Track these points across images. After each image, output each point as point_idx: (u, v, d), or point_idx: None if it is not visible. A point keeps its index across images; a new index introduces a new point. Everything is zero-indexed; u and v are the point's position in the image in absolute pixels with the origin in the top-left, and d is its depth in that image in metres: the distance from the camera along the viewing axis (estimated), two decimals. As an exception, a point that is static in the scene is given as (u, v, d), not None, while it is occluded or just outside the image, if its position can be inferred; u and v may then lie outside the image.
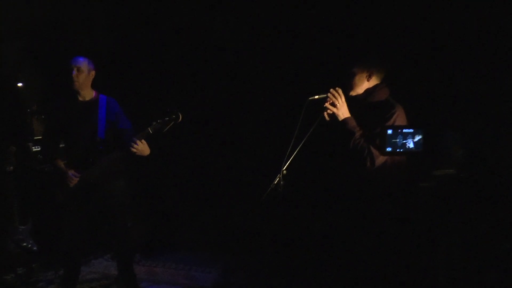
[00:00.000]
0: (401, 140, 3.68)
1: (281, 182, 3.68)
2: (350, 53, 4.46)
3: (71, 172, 4.35)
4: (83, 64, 4.42)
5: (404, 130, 3.63)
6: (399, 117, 3.99)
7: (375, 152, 3.92)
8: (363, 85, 4.10)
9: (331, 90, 4.05)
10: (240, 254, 5.19)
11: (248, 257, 5.04)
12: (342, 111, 4.04)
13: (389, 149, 3.67)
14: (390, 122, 3.95)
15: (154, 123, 4.32)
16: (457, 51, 4.42)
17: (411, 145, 3.65)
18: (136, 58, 5.52)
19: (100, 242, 5.35)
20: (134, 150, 4.30)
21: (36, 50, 5.28)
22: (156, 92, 5.49)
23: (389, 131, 3.77)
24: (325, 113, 4.05)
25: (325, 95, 4.04)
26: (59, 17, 5.29)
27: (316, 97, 4.03)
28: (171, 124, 4.33)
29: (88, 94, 4.49)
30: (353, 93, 4.10)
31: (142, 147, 4.32)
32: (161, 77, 5.49)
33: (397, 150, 3.64)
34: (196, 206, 5.63)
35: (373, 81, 4.12)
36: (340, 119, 4.03)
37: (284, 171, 3.70)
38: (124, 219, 4.58)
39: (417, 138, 3.65)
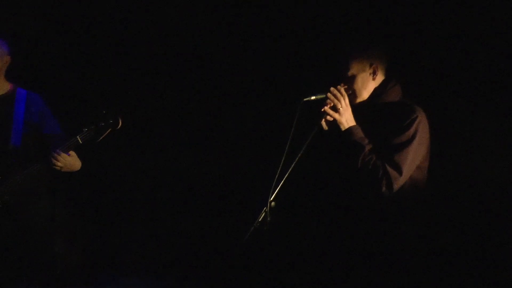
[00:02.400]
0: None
1: (268, 218, 2.63)
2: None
3: None
4: None
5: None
6: (422, 124, 2.99)
7: (392, 172, 2.90)
8: (369, 86, 3.09)
9: (332, 89, 3.02)
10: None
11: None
12: (346, 117, 3.02)
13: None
14: (410, 132, 2.95)
15: (86, 129, 3.41)
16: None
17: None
18: (69, 44, 4.32)
19: (20, 274, 4.22)
20: (56, 165, 3.38)
21: None
22: (91, 88, 4.31)
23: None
24: (323, 120, 3.02)
25: (324, 95, 3.01)
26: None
27: (313, 97, 3.00)
28: (107, 132, 3.42)
29: (0, 86, 3.63)
30: (359, 100, 3.09)
31: (68, 161, 3.44)
32: (100, 69, 4.29)
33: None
34: (149, 227, 4.51)
35: (379, 78, 3.12)
36: (343, 129, 3.01)
37: (272, 203, 2.65)
38: (50, 247, 3.79)
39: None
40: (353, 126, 3.02)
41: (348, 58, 3.06)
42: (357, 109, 3.06)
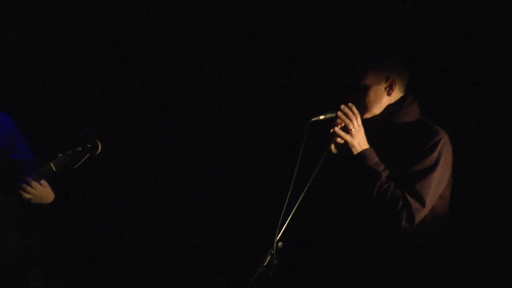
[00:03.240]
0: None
1: (274, 261, 2.23)
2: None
3: None
4: None
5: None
6: (446, 148, 2.63)
7: (414, 203, 2.53)
8: (382, 102, 2.72)
9: (342, 107, 2.64)
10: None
11: None
12: (359, 139, 2.64)
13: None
14: (433, 156, 2.59)
15: (60, 155, 2.98)
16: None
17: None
18: (43, 56, 3.88)
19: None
20: (26, 195, 2.96)
21: None
22: (67, 108, 3.86)
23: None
24: (333, 143, 2.64)
25: (333, 114, 2.63)
26: None
27: (321, 117, 2.62)
28: (85, 158, 3.01)
29: None
30: (368, 115, 2.71)
31: (39, 191, 2.99)
32: (78, 86, 3.84)
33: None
34: (133, 257, 4.05)
35: (396, 94, 2.74)
36: (355, 152, 2.63)
37: (279, 243, 2.25)
38: (24, 283, 3.44)
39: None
40: (367, 149, 2.64)
41: (363, 66, 2.69)
42: (369, 129, 2.68)
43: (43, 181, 2.99)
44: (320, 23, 3.28)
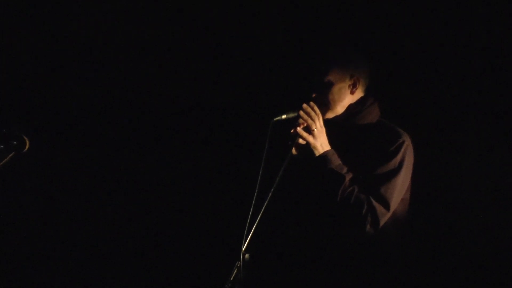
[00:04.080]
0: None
1: (240, 275, 2.06)
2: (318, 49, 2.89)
3: None
4: None
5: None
6: (408, 150, 2.56)
7: (379, 208, 2.43)
8: (345, 101, 2.62)
9: (304, 106, 2.50)
10: None
11: None
12: (321, 141, 2.52)
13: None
14: (397, 159, 2.51)
15: None
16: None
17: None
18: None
19: None
20: None
21: None
22: None
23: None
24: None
25: (295, 114, 2.48)
26: None
27: (283, 116, 2.47)
28: (9, 157, 2.58)
29: None
30: (330, 115, 2.59)
31: None
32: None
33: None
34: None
35: (358, 94, 2.65)
36: (317, 154, 2.51)
37: (246, 255, 2.08)
38: None
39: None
40: (329, 151, 2.52)
41: (327, 63, 2.56)
42: (329, 130, 2.56)
43: None
44: (283, 19, 3.10)
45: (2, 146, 2.56)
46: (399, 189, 2.49)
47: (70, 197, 3.38)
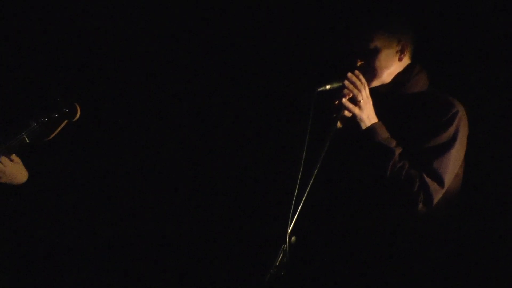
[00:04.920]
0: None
1: (286, 259, 1.90)
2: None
3: None
4: None
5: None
6: (463, 121, 2.35)
7: (432, 184, 2.25)
8: (392, 68, 2.42)
9: (349, 75, 2.31)
10: None
11: None
12: (367, 112, 2.33)
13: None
14: (451, 131, 2.31)
15: (34, 124, 2.47)
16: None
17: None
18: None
19: None
20: None
21: None
22: (37, 66, 3.27)
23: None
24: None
25: (340, 83, 2.30)
26: None
27: (328, 87, 2.28)
28: (62, 125, 2.51)
29: None
30: (376, 83, 2.40)
31: (9, 169, 2.50)
32: (49, 38, 3.24)
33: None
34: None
35: (405, 61, 2.44)
36: (364, 127, 2.32)
37: (293, 238, 1.92)
38: None
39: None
40: (376, 123, 2.34)
41: (372, 27, 2.36)
42: (375, 100, 2.37)
43: (14, 156, 2.49)
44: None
45: (56, 115, 2.50)
46: (453, 163, 2.30)
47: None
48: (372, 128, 2.31)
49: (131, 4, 3.19)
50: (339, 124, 2.34)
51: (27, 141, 2.46)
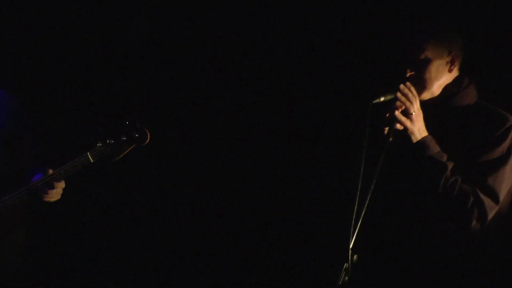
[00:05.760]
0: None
1: (345, 278, 1.82)
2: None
3: None
4: None
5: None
6: (516, 136, 2.27)
7: (487, 201, 2.18)
8: (442, 79, 2.35)
9: (402, 87, 2.25)
10: None
11: None
12: (419, 125, 2.27)
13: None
14: (504, 146, 2.25)
15: (100, 145, 2.49)
16: None
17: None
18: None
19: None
20: (51, 193, 2.50)
21: None
22: (102, 85, 3.22)
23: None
24: (386, 128, 2.24)
25: (393, 95, 2.23)
26: None
27: (382, 99, 2.21)
28: (130, 148, 2.53)
29: None
30: (426, 95, 2.33)
31: (61, 188, 2.54)
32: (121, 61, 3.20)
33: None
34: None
35: (454, 72, 2.38)
36: (415, 140, 2.25)
37: (354, 256, 1.84)
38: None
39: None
40: (427, 137, 2.27)
41: (423, 37, 2.29)
42: (424, 113, 2.30)
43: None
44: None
45: (124, 138, 2.51)
46: (508, 179, 2.24)
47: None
48: (423, 141, 2.24)
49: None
50: (391, 137, 2.27)
51: (92, 161, 2.47)
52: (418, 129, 2.25)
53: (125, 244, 3.27)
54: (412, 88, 2.26)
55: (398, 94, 2.23)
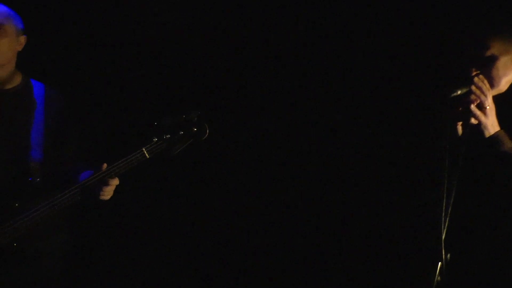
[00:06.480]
0: None
1: (439, 278, 1.75)
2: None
3: None
4: (8, 20, 2.52)
5: None
6: None
7: None
8: (509, 76, 2.28)
9: (476, 80, 2.18)
10: None
11: None
12: (492, 119, 2.20)
13: None
14: None
15: (156, 140, 2.43)
16: None
17: None
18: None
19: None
20: (106, 191, 2.45)
21: None
22: (154, 79, 3.15)
23: None
24: (460, 123, 2.18)
25: (467, 88, 2.16)
26: None
27: (459, 92, 2.14)
28: (188, 143, 2.49)
29: (10, 77, 2.60)
30: (494, 93, 2.27)
31: (112, 187, 2.48)
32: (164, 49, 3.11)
33: None
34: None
35: (517, 69, 2.32)
36: (487, 135, 2.18)
37: (448, 255, 1.77)
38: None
39: None
40: (500, 131, 2.21)
41: (488, 34, 2.23)
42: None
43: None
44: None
45: (182, 133, 2.47)
46: None
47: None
48: (496, 136, 2.18)
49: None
50: (460, 131, 2.21)
51: (147, 156, 2.43)
52: (492, 123, 2.19)
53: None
54: (486, 81, 2.20)
55: (473, 87, 2.16)
